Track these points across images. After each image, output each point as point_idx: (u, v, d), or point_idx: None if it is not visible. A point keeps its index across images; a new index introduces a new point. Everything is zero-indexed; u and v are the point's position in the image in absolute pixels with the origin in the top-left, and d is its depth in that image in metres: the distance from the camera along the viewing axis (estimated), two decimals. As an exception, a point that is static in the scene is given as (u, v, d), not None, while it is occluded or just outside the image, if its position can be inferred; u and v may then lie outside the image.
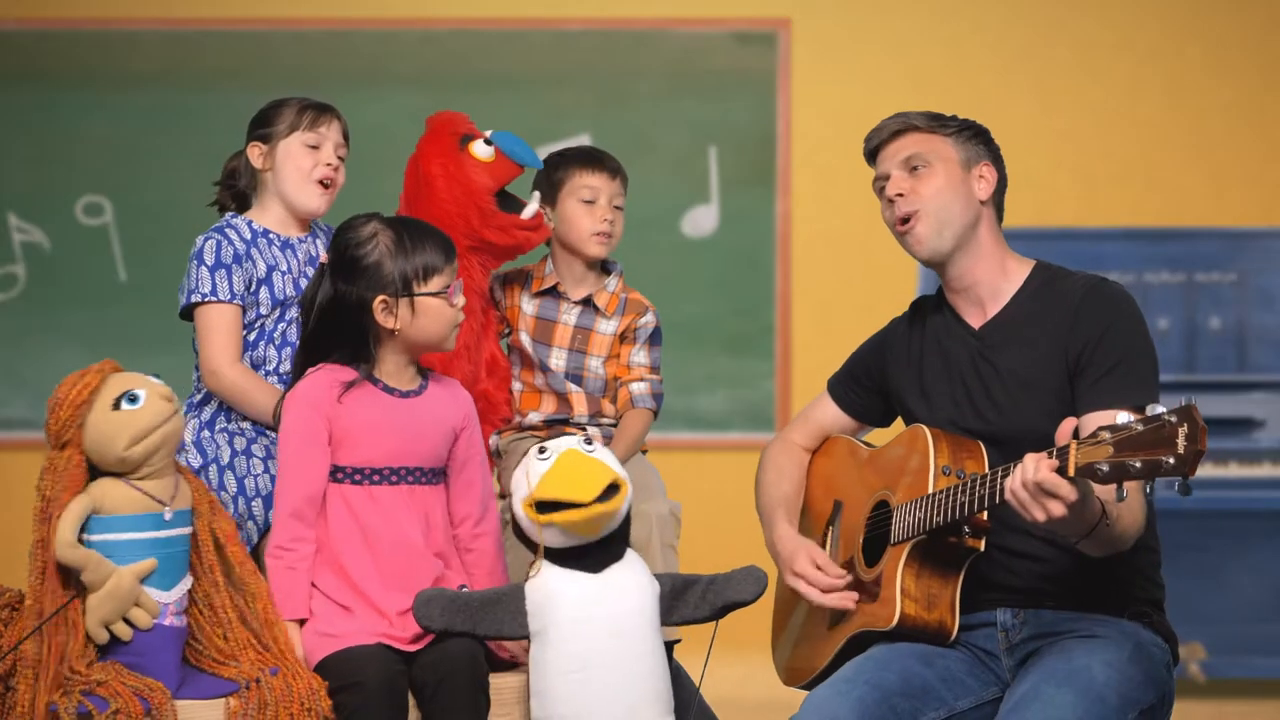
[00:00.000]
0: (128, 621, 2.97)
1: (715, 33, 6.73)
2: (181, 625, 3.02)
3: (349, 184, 3.65)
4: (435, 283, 3.17)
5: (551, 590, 3.05)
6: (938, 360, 3.18)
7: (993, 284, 3.15)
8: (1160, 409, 2.65)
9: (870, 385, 3.33)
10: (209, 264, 3.46)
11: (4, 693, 2.94)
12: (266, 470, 3.41)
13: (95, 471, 3.01)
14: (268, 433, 3.42)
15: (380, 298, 3.17)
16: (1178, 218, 6.54)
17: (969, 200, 3.13)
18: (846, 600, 3.13)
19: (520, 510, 3.04)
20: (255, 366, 3.49)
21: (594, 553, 3.05)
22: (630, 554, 3.10)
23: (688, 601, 3.12)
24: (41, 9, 6.79)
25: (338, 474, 3.18)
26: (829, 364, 3.48)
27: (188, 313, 3.49)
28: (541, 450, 3.06)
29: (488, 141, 3.63)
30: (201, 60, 6.71)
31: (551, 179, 3.75)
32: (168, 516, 3.00)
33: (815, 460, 3.40)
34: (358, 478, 3.17)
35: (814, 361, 6.56)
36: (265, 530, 3.37)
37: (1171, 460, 2.60)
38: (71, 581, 2.97)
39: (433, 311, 3.18)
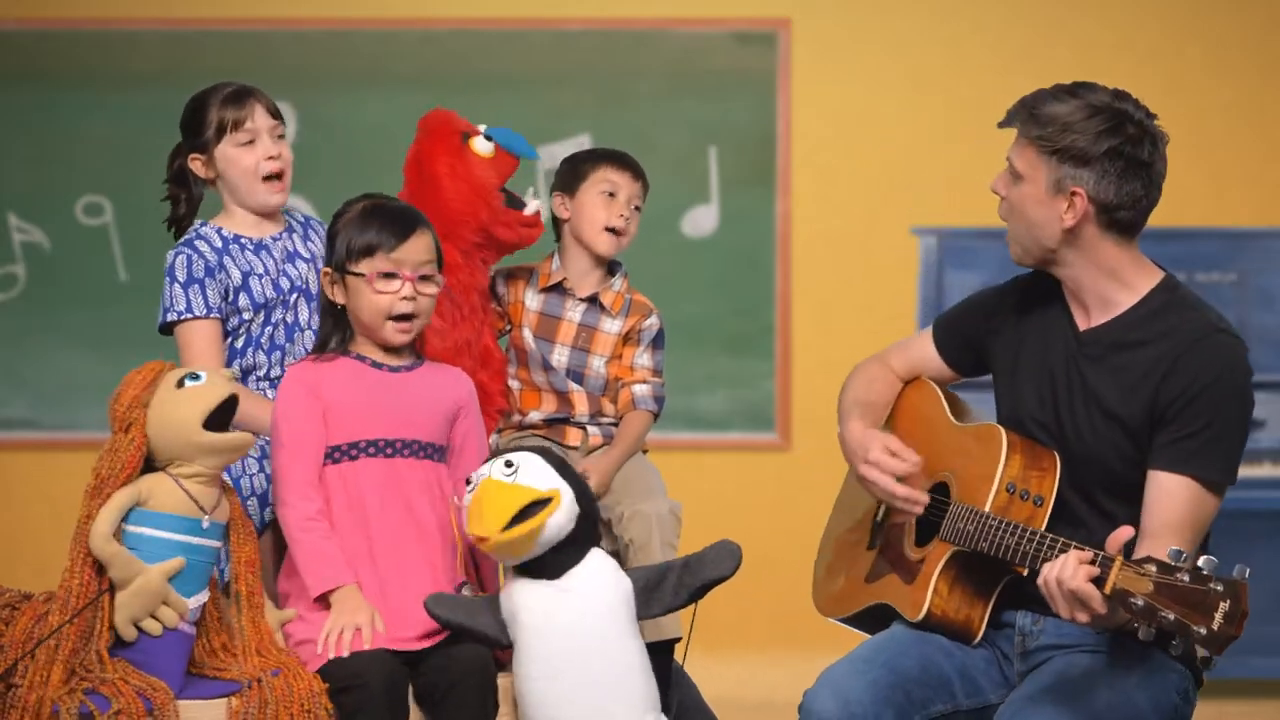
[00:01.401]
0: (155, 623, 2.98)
1: (715, 33, 6.73)
2: (191, 634, 3.03)
3: (349, 184, 3.65)
4: (366, 264, 3.15)
5: (514, 599, 3.07)
6: (1038, 347, 3.08)
7: (1102, 293, 3.01)
8: (1210, 564, 2.57)
9: (970, 340, 3.23)
10: (181, 280, 3.46)
11: (5, 691, 2.94)
12: (261, 470, 3.41)
13: (148, 466, 3.01)
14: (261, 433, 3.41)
15: (325, 269, 3.21)
16: (1178, 218, 6.53)
17: (1050, 223, 2.97)
18: (916, 505, 3.05)
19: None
20: (246, 373, 3.48)
21: (549, 561, 3.05)
22: (595, 554, 3.10)
23: (664, 591, 3.12)
24: (41, 9, 6.78)
25: (334, 453, 3.17)
26: (829, 364, 3.48)
27: (167, 329, 3.49)
28: (467, 482, 3.08)
29: (487, 137, 3.64)
30: (201, 60, 6.70)
31: (576, 170, 3.76)
32: (205, 525, 3.01)
33: (908, 391, 3.30)
34: (353, 453, 3.17)
35: (814, 361, 6.56)
36: (262, 528, 3.37)
37: (1203, 632, 2.55)
38: (104, 573, 2.97)
39: (359, 294, 3.17)
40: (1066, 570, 2.69)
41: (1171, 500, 2.88)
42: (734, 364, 6.71)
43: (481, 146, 3.63)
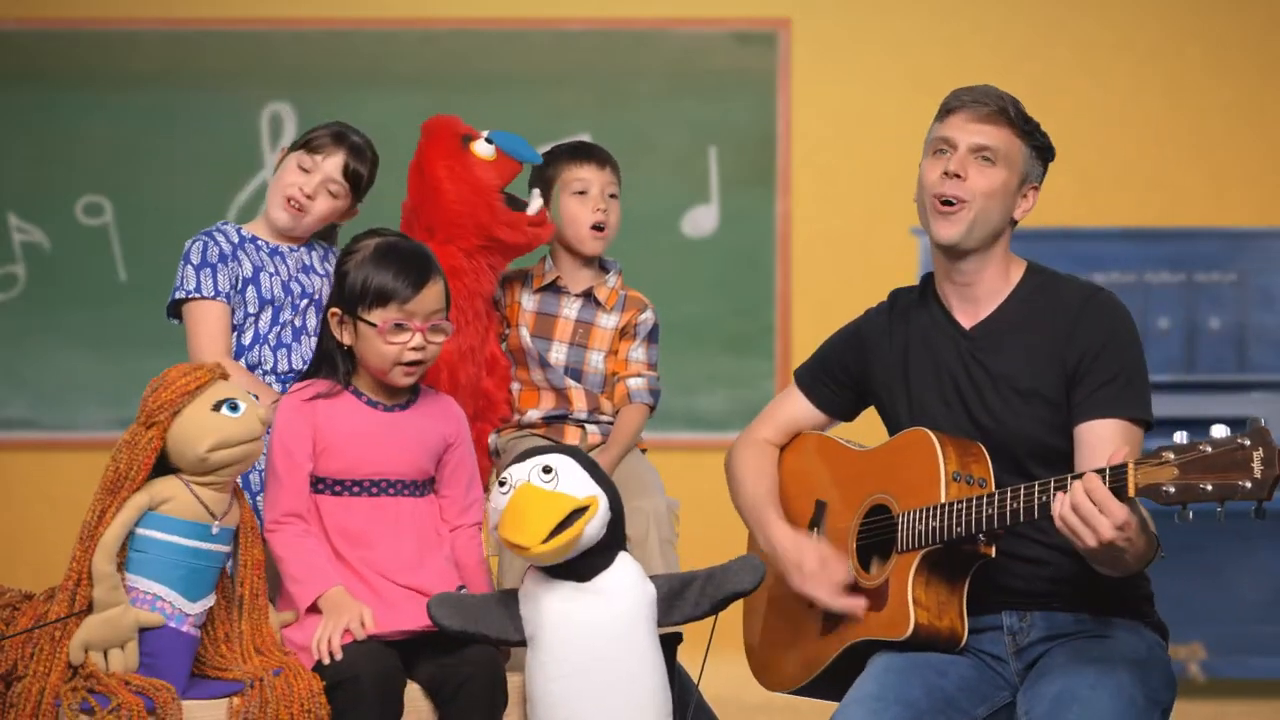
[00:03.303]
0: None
1: (715, 33, 6.73)
2: (196, 636, 3.03)
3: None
4: (379, 314, 3.14)
5: (539, 598, 3.05)
6: (925, 358, 3.14)
7: (992, 286, 3.11)
8: (1222, 429, 2.62)
9: (844, 379, 3.28)
10: (195, 263, 3.49)
11: (5, 690, 2.94)
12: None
13: (161, 464, 3.01)
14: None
15: (333, 309, 3.20)
16: (1178, 218, 6.54)
17: (1007, 213, 3.09)
18: (857, 606, 3.06)
19: (499, 536, 3.05)
20: (251, 367, 3.50)
21: (580, 563, 3.03)
22: (623, 558, 3.09)
23: (686, 600, 3.11)
24: (41, 9, 6.79)
25: (318, 485, 3.19)
26: (829, 364, 3.46)
27: (176, 311, 3.51)
28: (501, 483, 3.04)
29: (488, 140, 3.63)
30: (201, 60, 6.71)
31: (544, 176, 3.75)
32: (215, 530, 3.01)
33: (784, 457, 3.34)
34: (337, 489, 3.19)
35: (814, 361, 6.57)
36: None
37: (1248, 484, 2.58)
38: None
39: (368, 341, 3.17)
40: (1078, 493, 2.71)
41: (1106, 445, 2.93)
42: (734, 364, 6.71)
43: (482, 149, 3.62)
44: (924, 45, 6.71)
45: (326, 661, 3.03)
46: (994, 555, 2.95)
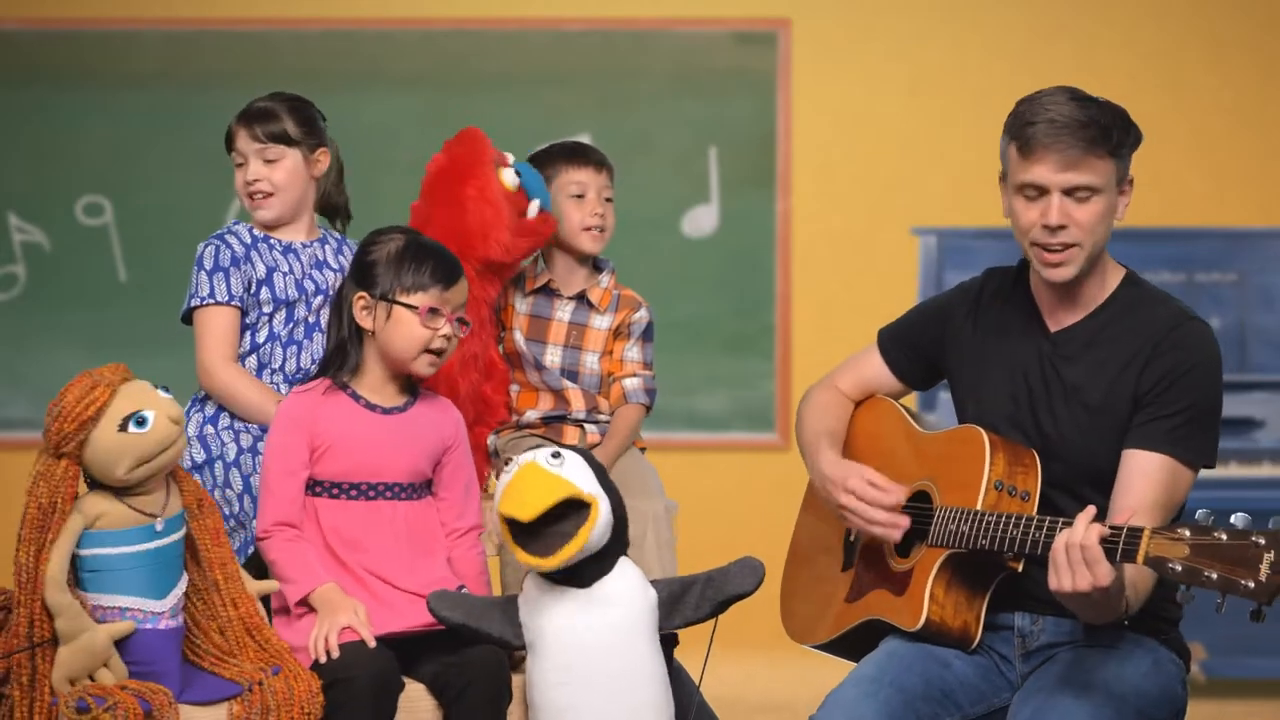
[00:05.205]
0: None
1: (715, 33, 6.73)
2: (179, 624, 3.02)
3: (348, 184, 3.65)
4: (419, 297, 3.19)
5: (539, 604, 3.05)
6: (1003, 350, 3.07)
7: (1086, 293, 3.02)
8: (1244, 520, 2.57)
9: (922, 351, 3.22)
10: (207, 268, 3.51)
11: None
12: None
13: (86, 476, 2.98)
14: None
15: (360, 294, 3.21)
16: (1178, 218, 6.54)
17: (1111, 222, 2.98)
18: (895, 530, 3.03)
19: (498, 522, 3.04)
20: (261, 364, 3.51)
21: (581, 569, 3.03)
22: (624, 563, 3.08)
23: (687, 603, 3.10)
24: (41, 9, 6.79)
25: (315, 487, 3.19)
26: (829, 364, 3.46)
27: (189, 317, 3.53)
28: (507, 462, 3.06)
29: (517, 172, 3.64)
30: (201, 60, 6.71)
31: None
32: (159, 528, 2.99)
33: (859, 412, 3.30)
34: (335, 491, 3.19)
35: (814, 361, 6.56)
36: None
37: (1251, 585, 2.54)
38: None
39: (403, 324, 3.19)
40: (1077, 533, 2.67)
41: (1146, 480, 2.89)
42: (734, 364, 6.71)
43: (509, 179, 3.63)
44: (924, 45, 6.71)
45: (324, 661, 3.03)
46: (1020, 570, 2.92)
